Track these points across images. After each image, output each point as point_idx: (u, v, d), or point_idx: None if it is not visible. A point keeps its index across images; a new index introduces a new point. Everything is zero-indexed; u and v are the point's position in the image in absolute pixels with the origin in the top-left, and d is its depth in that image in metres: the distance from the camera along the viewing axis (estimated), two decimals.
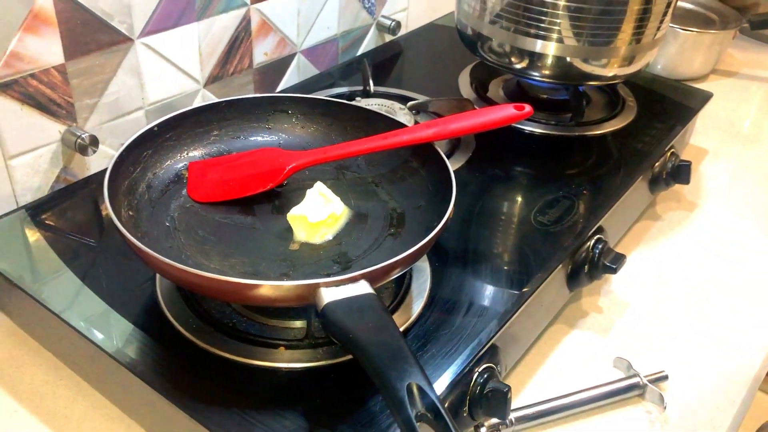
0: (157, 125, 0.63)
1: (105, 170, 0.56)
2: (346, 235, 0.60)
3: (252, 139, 0.70)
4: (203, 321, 0.54)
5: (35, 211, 0.66)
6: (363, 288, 0.47)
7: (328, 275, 0.54)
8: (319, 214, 0.58)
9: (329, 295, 0.46)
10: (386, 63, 1.00)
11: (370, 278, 0.48)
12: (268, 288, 0.47)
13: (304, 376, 0.51)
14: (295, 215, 0.59)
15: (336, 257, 0.58)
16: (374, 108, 0.69)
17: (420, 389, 0.41)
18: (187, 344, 0.53)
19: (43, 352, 0.62)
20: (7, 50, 0.64)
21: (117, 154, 0.59)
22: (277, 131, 0.70)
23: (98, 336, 0.53)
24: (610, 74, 0.81)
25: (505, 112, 0.64)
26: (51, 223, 0.65)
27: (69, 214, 0.67)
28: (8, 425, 0.56)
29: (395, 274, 0.52)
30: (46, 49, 0.68)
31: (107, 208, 0.52)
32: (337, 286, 0.47)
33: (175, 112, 0.66)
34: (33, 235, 0.63)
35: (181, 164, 0.66)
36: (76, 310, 0.55)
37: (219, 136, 0.68)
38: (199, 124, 0.67)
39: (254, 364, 0.51)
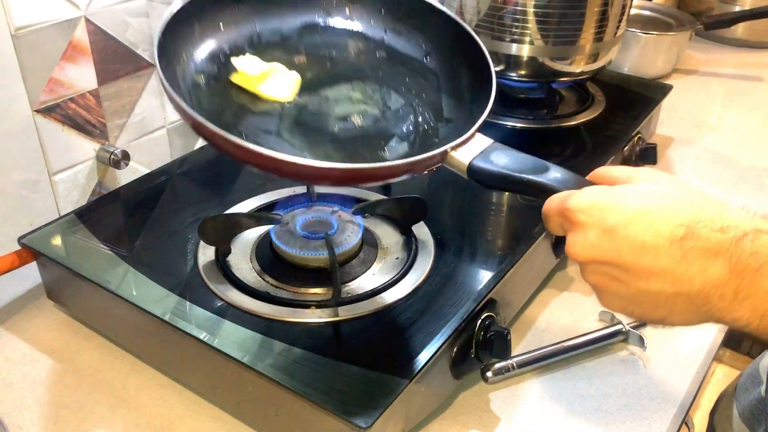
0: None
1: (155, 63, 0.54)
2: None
3: None
4: (242, 290, 0.63)
5: (79, 218, 0.74)
6: (484, 140, 0.53)
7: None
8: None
9: (463, 155, 0.52)
10: None
11: (481, 130, 0.54)
12: (401, 165, 0.50)
13: (335, 328, 0.60)
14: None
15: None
16: None
17: None
18: (231, 309, 0.61)
19: (98, 338, 0.70)
20: (50, 77, 0.74)
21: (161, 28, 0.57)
22: None
23: (153, 308, 0.61)
24: (578, 71, 0.91)
25: None
26: (95, 226, 0.73)
27: (108, 218, 0.76)
28: (75, 397, 0.63)
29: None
30: (82, 76, 0.77)
31: (167, 89, 0.51)
32: (463, 145, 0.52)
33: None
34: (80, 237, 0.71)
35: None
36: (131, 290, 0.64)
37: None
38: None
39: (291, 321, 0.60)
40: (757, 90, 1.26)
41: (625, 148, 0.91)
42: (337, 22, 0.67)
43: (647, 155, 0.93)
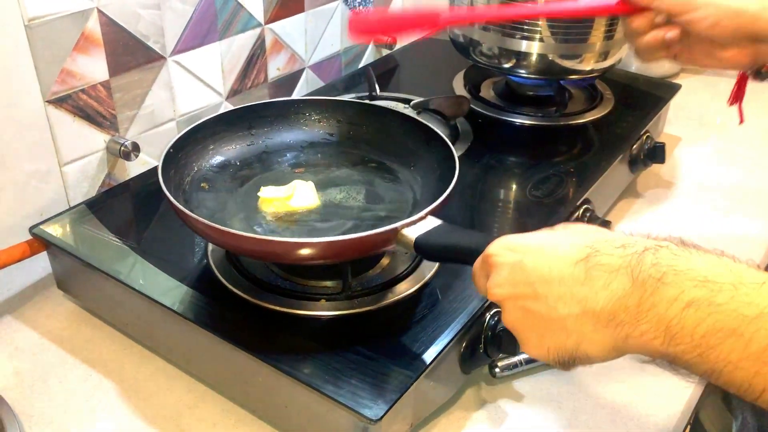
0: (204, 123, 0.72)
1: (156, 166, 0.64)
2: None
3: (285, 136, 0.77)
4: (253, 283, 0.63)
5: (89, 208, 0.75)
6: (434, 221, 0.57)
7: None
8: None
9: (411, 233, 0.56)
10: (386, 73, 1.10)
11: (433, 213, 0.58)
12: (354, 240, 0.56)
13: (345, 321, 0.60)
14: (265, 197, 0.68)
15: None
16: None
17: None
18: (241, 301, 0.61)
19: (107, 329, 0.70)
20: (62, 68, 0.74)
21: (172, 143, 0.68)
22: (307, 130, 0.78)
23: (164, 299, 0.62)
24: (588, 68, 0.91)
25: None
26: (104, 217, 0.73)
27: (118, 209, 0.76)
28: (85, 387, 0.64)
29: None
30: (94, 67, 0.77)
31: (167, 194, 0.60)
32: (413, 225, 0.57)
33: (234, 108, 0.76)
34: (90, 228, 0.72)
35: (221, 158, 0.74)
36: (141, 281, 0.64)
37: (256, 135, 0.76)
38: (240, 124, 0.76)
39: (300, 314, 0.60)
40: (765, 90, 1.26)
41: (634, 147, 0.91)
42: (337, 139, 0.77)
43: (655, 154, 0.93)
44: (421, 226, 0.57)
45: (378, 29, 0.72)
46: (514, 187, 0.81)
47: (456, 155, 0.65)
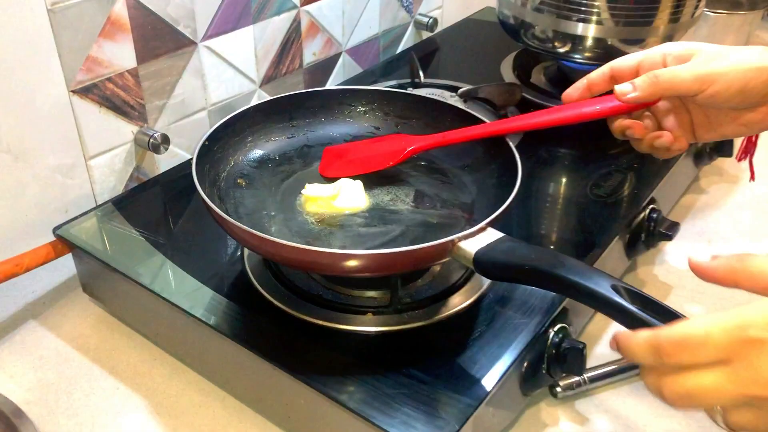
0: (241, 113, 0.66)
1: (189, 160, 0.60)
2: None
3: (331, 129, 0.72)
4: (293, 292, 0.58)
5: (116, 207, 0.70)
6: (494, 234, 0.52)
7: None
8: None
9: (470, 246, 0.50)
10: (427, 57, 1.04)
11: (493, 224, 0.52)
12: (407, 253, 0.50)
13: (394, 338, 0.55)
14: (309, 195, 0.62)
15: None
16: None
17: (623, 288, 0.45)
18: (280, 313, 0.56)
19: (136, 337, 0.65)
20: (87, 55, 0.69)
21: (208, 134, 0.62)
22: (355, 122, 0.72)
23: (195, 309, 0.57)
24: None
25: (613, 103, 0.61)
26: (132, 217, 0.68)
27: (147, 207, 0.71)
28: (113, 402, 0.59)
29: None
30: (121, 54, 0.72)
31: (202, 194, 0.54)
32: (471, 237, 0.51)
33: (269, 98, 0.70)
34: (118, 228, 0.67)
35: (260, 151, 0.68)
36: (171, 288, 0.59)
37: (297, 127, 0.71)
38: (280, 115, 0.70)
39: (345, 329, 0.55)
40: None
41: None
42: (384, 133, 0.71)
43: (722, 147, 0.86)
44: (480, 238, 0.51)
45: (345, 171, 0.65)
46: (572, 184, 0.75)
47: (518, 157, 0.59)
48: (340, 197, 0.61)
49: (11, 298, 0.70)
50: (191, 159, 0.59)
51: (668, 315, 0.43)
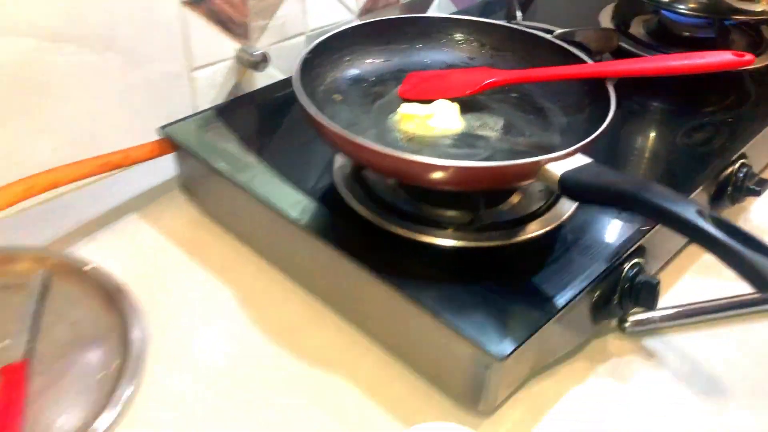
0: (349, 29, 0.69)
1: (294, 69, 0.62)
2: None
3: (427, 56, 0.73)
4: (378, 205, 0.60)
5: (217, 114, 0.74)
6: (582, 159, 0.53)
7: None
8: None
9: (557, 168, 0.52)
10: (524, 0, 1.03)
11: (582, 150, 0.54)
12: (495, 168, 0.52)
13: (472, 253, 0.57)
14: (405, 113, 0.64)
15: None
16: None
17: (709, 215, 0.46)
18: (364, 222, 0.59)
19: (226, 237, 0.69)
20: None
21: (311, 48, 0.65)
22: (453, 51, 0.73)
23: (289, 210, 0.60)
24: (759, 9, 0.81)
25: (723, 57, 0.65)
26: (232, 125, 0.72)
27: (246, 118, 0.75)
28: (203, 290, 0.64)
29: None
30: None
31: (301, 97, 0.57)
32: (560, 160, 0.52)
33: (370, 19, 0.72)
34: (219, 134, 0.71)
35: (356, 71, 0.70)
36: (267, 190, 0.62)
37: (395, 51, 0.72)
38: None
39: (426, 241, 0.57)
40: None
41: None
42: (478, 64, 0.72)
43: None
44: (568, 162, 0.52)
45: (423, 94, 0.66)
46: (662, 133, 0.74)
47: (613, 94, 0.59)
48: (436, 117, 0.62)
49: (115, 194, 0.75)
50: (288, 78, 0.61)
51: (754, 244, 0.43)
